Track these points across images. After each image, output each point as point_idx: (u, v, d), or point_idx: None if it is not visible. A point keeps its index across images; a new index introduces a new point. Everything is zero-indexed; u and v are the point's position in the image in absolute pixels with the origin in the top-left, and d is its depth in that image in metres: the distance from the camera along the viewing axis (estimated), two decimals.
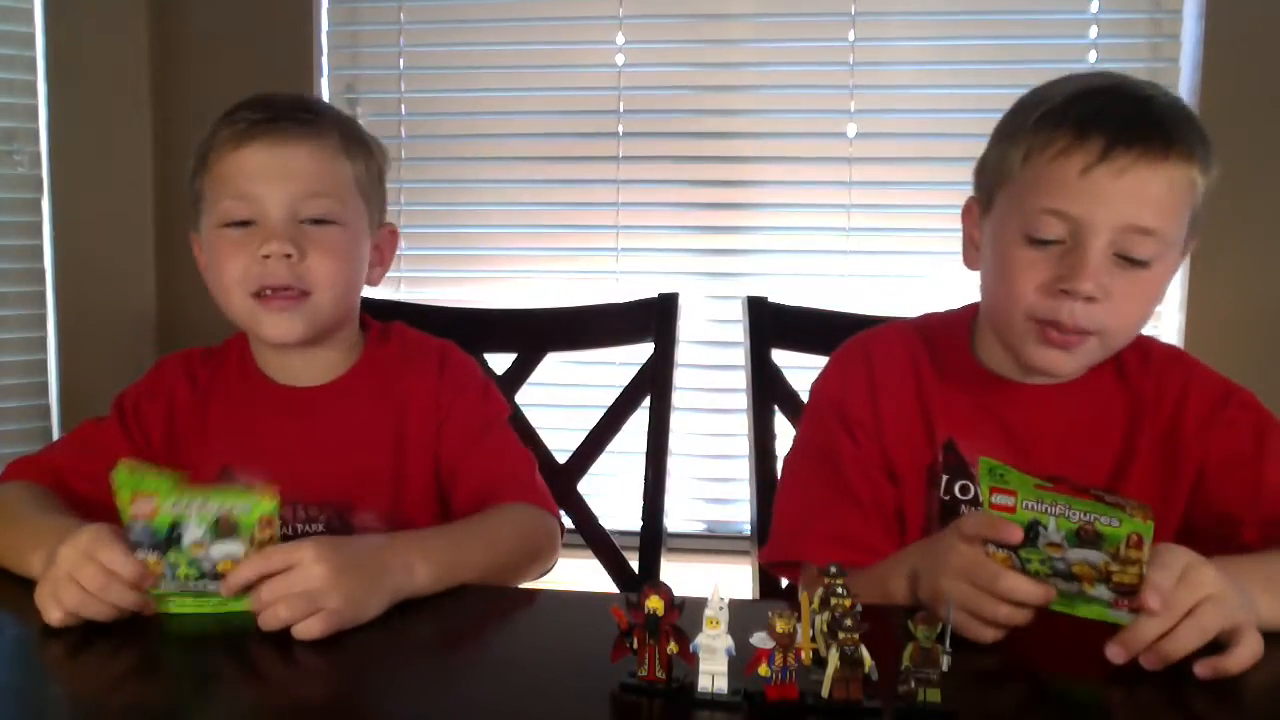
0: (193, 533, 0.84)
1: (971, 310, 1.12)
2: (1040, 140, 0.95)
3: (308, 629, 0.81)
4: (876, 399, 1.07)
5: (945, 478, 1.04)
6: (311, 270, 1.05)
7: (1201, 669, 0.76)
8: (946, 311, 1.15)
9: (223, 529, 0.84)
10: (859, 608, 0.69)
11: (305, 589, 0.81)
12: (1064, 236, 0.94)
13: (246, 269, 1.05)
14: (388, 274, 1.20)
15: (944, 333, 1.11)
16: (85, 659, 0.80)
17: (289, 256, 1.04)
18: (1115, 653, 0.78)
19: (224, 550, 0.84)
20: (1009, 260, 0.98)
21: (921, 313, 1.18)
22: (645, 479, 1.42)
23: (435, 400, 1.14)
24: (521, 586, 1.16)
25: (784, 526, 1.09)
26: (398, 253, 1.22)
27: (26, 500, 1.04)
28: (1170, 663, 0.77)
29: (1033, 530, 0.81)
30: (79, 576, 0.82)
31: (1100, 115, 0.93)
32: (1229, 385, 1.05)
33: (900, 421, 1.06)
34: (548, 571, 1.10)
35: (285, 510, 1.09)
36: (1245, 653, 0.77)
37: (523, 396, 1.45)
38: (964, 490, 1.03)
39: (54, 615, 0.82)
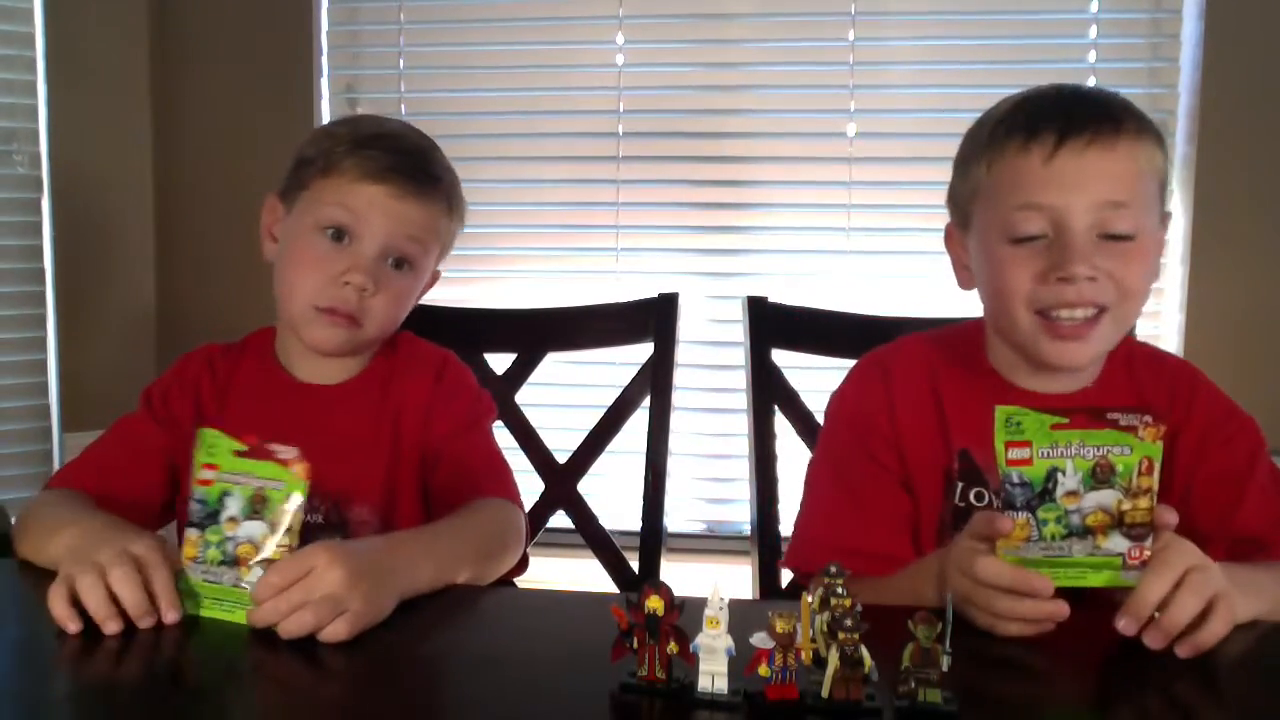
0: (231, 507, 0.87)
1: (983, 321, 1.13)
2: (997, 147, 1.01)
3: (334, 632, 0.81)
4: (894, 410, 1.08)
5: (960, 485, 1.05)
6: (374, 308, 1.13)
7: (1182, 650, 0.79)
8: (960, 322, 1.16)
9: (255, 505, 0.87)
10: (859, 608, 0.69)
11: (327, 593, 0.81)
12: (1045, 230, 0.98)
13: (324, 288, 1.11)
14: None
15: (959, 342, 1.12)
16: (89, 660, 0.80)
17: (364, 290, 1.11)
18: (1126, 624, 0.80)
19: (248, 532, 0.87)
20: (998, 262, 1.01)
21: (928, 318, 1.21)
22: (645, 479, 1.42)
23: (429, 405, 1.18)
24: (520, 586, 1.17)
25: (807, 535, 1.10)
26: None
27: (57, 503, 1.06)
28: (1172, 636, 0.79)
29: (1051, 479, 0.83)
30: (110, 575, 0.83)
31: (1048, 112, 0.99)
32: (1233, 406, 1.07)
33: (917, 430, 1.07)
34: (515, 564, 1.12)
35: None
36: (1219, 625, 0.79)
37: (523, 396, 1.45)
38: (979, 497, 1.04)
39: (59, 608, 0.82)
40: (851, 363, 1.17)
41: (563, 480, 1.43)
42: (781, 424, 1.40)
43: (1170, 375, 1.09)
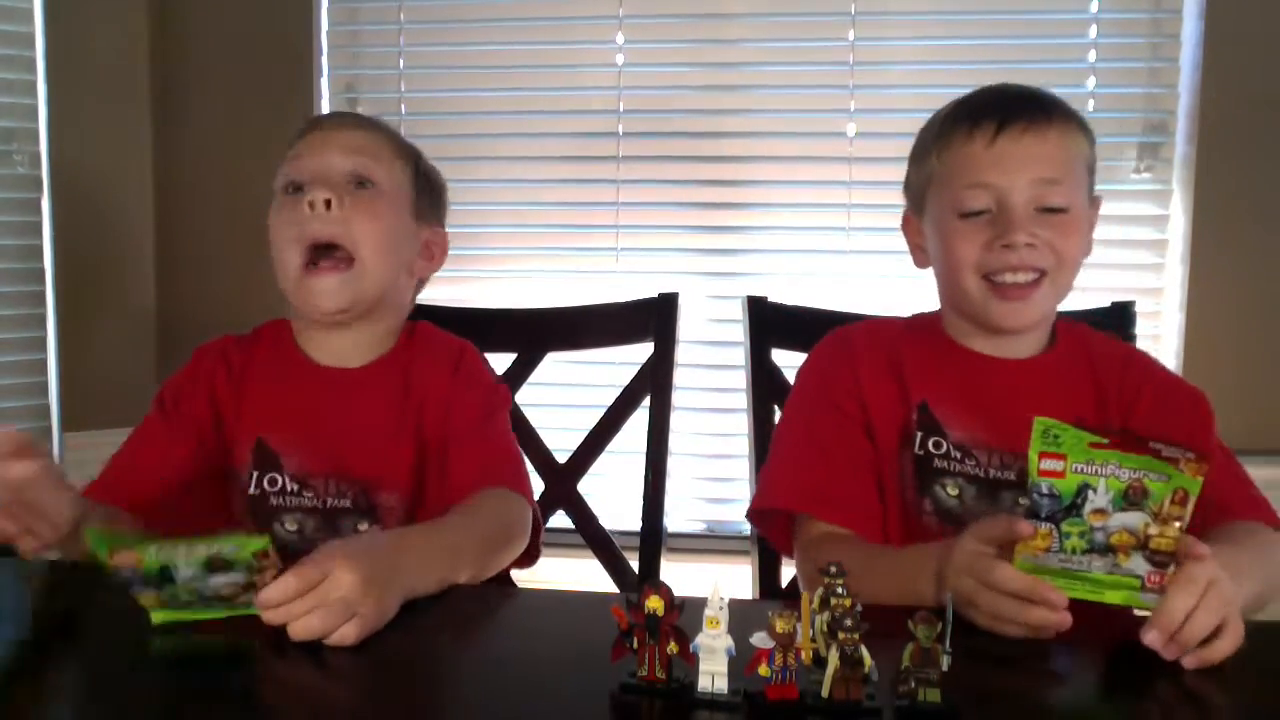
0: (184, 574, 0.82)
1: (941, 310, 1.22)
2: (946, 138, 1.14)
3: (343, 636, 0.81)
4: (856, 368, 1.17)
5: (919, 434, 1.12)
6: (354, 225, 1.14)
7: (1189, 661, 0.80)
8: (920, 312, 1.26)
9: (214, 567, 0.82)
10: (859, 608, 0.69)
11: (340, 596, 0.81)
12: (990, 206, 1.09)
13: (300, 227, 1.13)
14: None
15: (918, 320, 1.23)
16: (92, 660, 0.80)
17: (329, 204, 1.12)
18: (1154, 638, 0.80)
19: (223, 580, 0.83)
20: (949, 234, 1.12)
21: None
22: (645, 479, 1.42)
23: (448, 394, 1.19)
24: (521, 587, 1.17)
25: (771, 479, 1.18)
26: None
27: None
28: (1188, 649, 0.79)
29: (1081, 494, 0.82)
30: None
31: (988, 106, 1.13)
32: (1182, 382, 1.19)
33: (876, 385, 1.16)
34: (518, 556, 1.12)
35: (317, 483, 1.11)
36: (1228, 643, 0.80)
37: (523, 396, 1.45)
38: (936, 445, 1.12)
39: None
40: None
41: (563, 480, 1.43)
42: None
43: (1134, 368, 1.17)
